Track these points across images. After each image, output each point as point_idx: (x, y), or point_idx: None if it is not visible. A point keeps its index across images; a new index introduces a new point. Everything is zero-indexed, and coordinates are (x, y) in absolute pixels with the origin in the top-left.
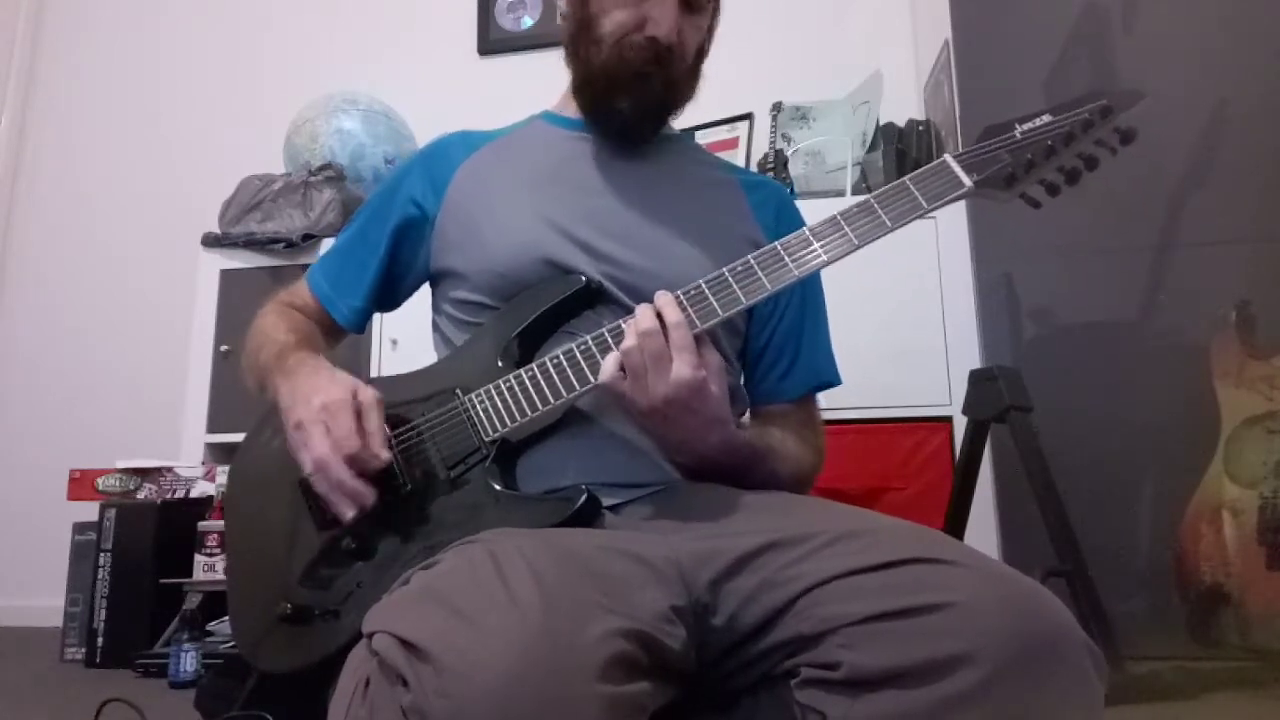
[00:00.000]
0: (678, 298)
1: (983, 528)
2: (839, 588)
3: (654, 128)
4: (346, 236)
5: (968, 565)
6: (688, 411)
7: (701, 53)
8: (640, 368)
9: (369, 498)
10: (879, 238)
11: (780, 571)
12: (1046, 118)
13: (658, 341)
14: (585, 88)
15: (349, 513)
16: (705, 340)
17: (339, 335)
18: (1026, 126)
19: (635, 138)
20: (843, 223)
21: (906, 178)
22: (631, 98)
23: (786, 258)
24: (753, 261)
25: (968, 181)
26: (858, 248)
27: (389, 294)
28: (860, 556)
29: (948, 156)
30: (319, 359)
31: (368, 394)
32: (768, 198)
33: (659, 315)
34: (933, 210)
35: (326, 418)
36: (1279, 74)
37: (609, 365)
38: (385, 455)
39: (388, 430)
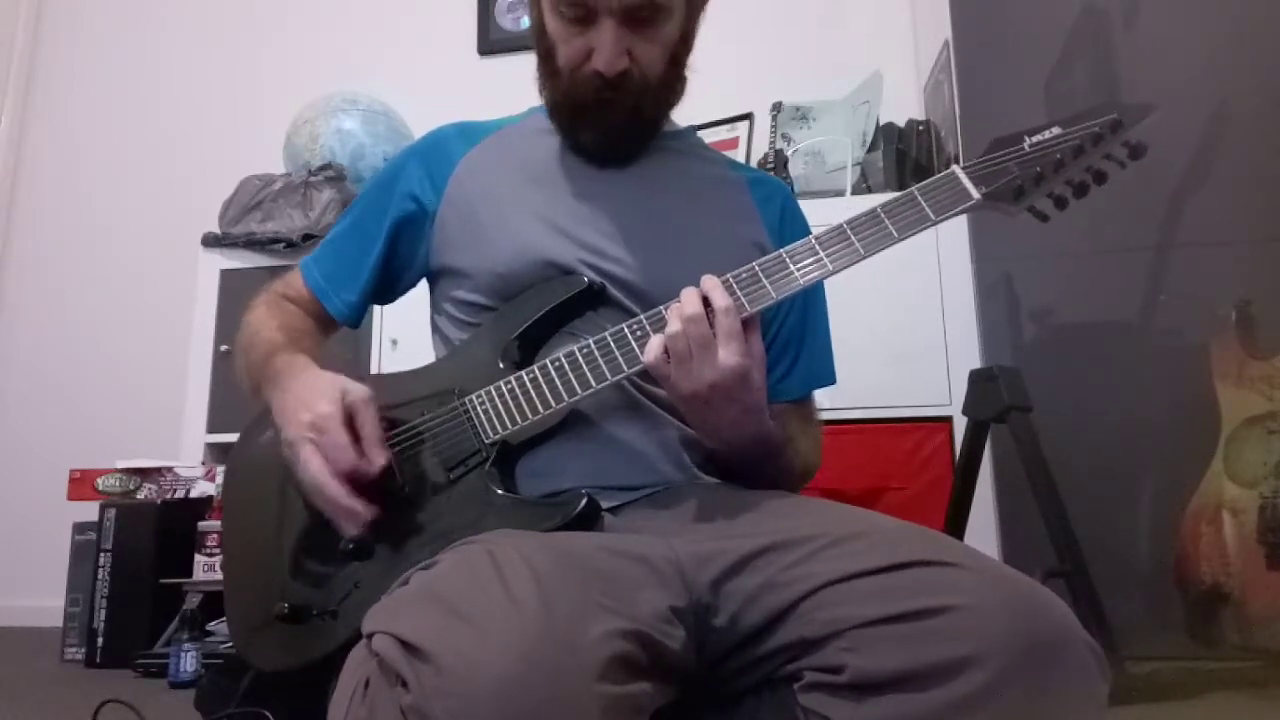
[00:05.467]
0: (726, 281)
1: (983, 528)
2: (842, 590)
3: (634, 144)
4: (341, 229)
5: (971, 567)
6: (730, 400)
7: (676, 58)
8: (684, 353)
9: (365, 516)
10: (886, 248)
11: (783, 573)
12: (1056, 130)
13: (702, 327)
14: (554, 117)
15: (351, 530)
16: (754, 327)
17: (334, 328)
18: (1035, 139)
19: (615, 158)
20: (849, 232)
21: (914, 188)
22: (593, 129)
23: (792, 266)
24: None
25: (976, 194)
26: (864, 258)
27: (386, 289)
28: (863, 559)
29: (956, 168)
30: (306, 363)
31: (357, 394)
32: (772, 195)
33: (705, 300)
34: (941, 221)
35: (315, 435)
36: (1279, 74)
37: (654, 347)
38: (380, 461)
39: (382, 430)
